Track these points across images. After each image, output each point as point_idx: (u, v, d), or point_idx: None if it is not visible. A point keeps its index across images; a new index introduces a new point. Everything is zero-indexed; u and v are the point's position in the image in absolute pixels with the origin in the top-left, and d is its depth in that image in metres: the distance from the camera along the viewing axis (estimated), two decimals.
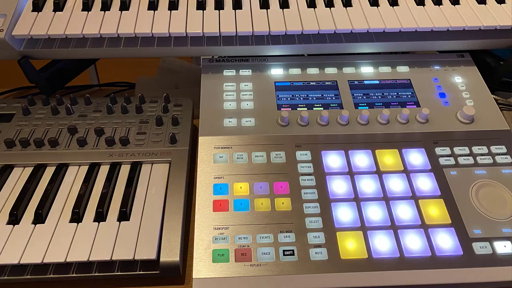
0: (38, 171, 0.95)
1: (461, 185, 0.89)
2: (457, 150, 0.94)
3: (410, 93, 1.04)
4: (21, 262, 0.79)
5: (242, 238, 0.81)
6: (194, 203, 0.88)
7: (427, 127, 0.98)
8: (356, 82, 1.06)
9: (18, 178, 0.94)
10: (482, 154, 0.93)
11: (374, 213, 0.84)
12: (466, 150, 0.94)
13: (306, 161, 0.92)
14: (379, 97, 1.04)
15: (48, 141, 0.98)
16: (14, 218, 0.86)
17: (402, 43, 1.09)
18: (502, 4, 1.08)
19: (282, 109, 1.01)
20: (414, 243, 0.81)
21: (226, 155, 0.93)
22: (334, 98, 1.03)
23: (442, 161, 0.92)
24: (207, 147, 0.95)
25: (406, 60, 1.12)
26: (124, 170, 0.96)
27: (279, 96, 1.04)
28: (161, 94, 1.11)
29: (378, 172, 0.90)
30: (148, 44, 1.06)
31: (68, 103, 1.08)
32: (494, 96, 1.05)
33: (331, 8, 1.06)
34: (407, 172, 0.90)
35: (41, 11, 1.04)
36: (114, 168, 0.96)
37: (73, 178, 0.94)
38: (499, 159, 0.92)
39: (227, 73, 1.09)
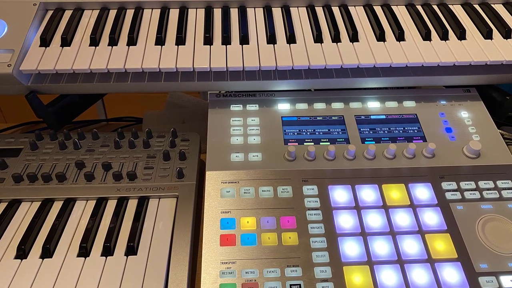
0: (45, 205, 0.98)
1: (467, 219, 0.91)
2: (464, 184, 0.97)
3: (417, 128, 1.08)
4: None
5: (249, 272, 0.84)
6: (201, 237, 0.90)
7: (434, 162, 1.01)
8: (362, 117, 1.10)
9: (25, 212, 0.97)
10: (488, 189, 0.96)
11: (381, 247, 0.87)
12: (472, 185, 0.97)
13: (313, 196, 0.95)
14: (386, 131, 1.07)
15: (55, 176, 1.02)
16: (22, 252, 0.89)
17: (409, 78, 1.12)
18: (508, 39, 1.11)
19: (289, 143, 1.05)
20: (420, 277, 0.83)
21: (233, 190, 0.96)
22: (340, 133, 1.07)
23: (449, 195, 0.95)
24: (214, 181, 0.97)
25: (413, 95, 1.15)
26: (132, 205, 0.99)
27: (286, 131, 1.07)
28: (169, 129, 1.14)
29: (385, 207, 0.93)
30: (155, 79, 1.09)
31: (76, 138, 1.11)
32: (500, 131, 1.09)
33: (338, 43, 1.09)
34: (413, 206, 0.93)
35: (48, 46, 1.07)
36: (122, 203, 0.99)
37: (81, 213, 0.97)
38: (505, 193, 0.95)
39: (234, 108, 1.12)
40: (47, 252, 0.89)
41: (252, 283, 0.83)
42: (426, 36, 1.11)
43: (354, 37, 1.10)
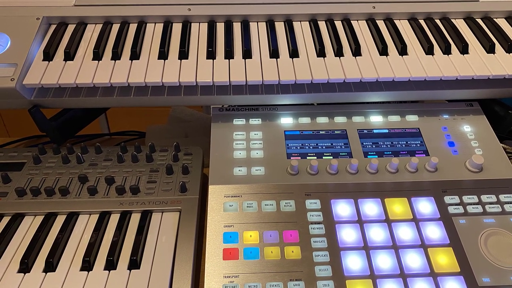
0: (49, 219, 0.99)
1: (470, 233, 0.93)
2: (466, 198, 0.98)
3: (419, 142, 1.09)
4: None
5: (252, 286, 0.85)
6: (204, 251, 0.91)
7: (436, 176, 1.02)
8: (365, 131, 1.11)
9: (29, 226, 0.99)
10: (491, 203, 0.97)
11: (384, 261, 0.88)
12: (475, 199, 0.98)
13: (316, 210, 0.96)
14: (388, 146, 1.08)
15: (58, 190, 1.03)
16: (25, 266, 0.90)
17: (411, 92, 1.13)
18: (511, 53, 1.12)
19: (291, 158, 1.06)
20: None
21: (236, 204, 0.97)
22: (343, 147, 1.08)
23: (451, 209, 0.96)
24: (217, 195, 0.99)
25: (415, 109, 1.17)
26: (135, 219, 1.00)
27: (289, 145, 1.09)
28: (171, 143, 1.15)
29: (387, 221, 0.95)
30: (158, 93, 1.10)
31: (79, 152, 1.12)
32: (503, 145, 1.10)
33: (341, 57, 1.10)
34: (416, 220, 0.95)
35: (51, 60, 1.08)
36: (125, 217, 1.00)
37: (84, 227, 0.99)
38: (507, 207, 0.97)
39: (237, 122, 1.13)
40: (50, 266, 0.90)
41: None
42: (429, 50, 1.12)
43: (356, 51, 1.11)
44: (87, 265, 0.91)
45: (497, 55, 1.12)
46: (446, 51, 1.13)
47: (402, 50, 1.12)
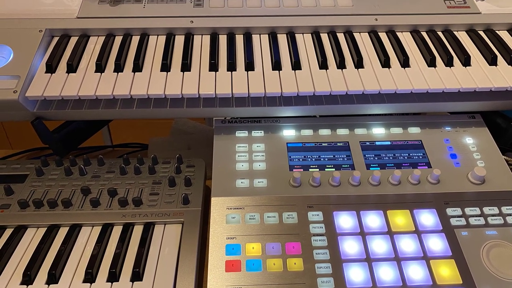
0: (51, 231, 1.00)
1: (472, 245, 0.94)
2: (468, 210, 0.99)
3: (422, 154, 1.10)
4: None
5: None
6: (207, 263, 0.92)
7: (439, 188, 1.03)
8: (367, 143, 1.12)
9: (31, 238, 1.00)
10: (493, 215, 0.98)
11: (386, 273, 0.89)
12: (477, 211, 0.99)
13: (318, 222, 0.97)
14: (391, 158, 1.09)
15: (61, 202, 1.04)
16: (28, 278, 0.91)
17: (414, 104, 1.14)
18: None
19: (294, 170, 1.07)
20: None
21: (238, 216, 0.98)
22: (345, 159, 1.09)
23: (453, 221, 0.97)
24: (220, 207, 1.00)
25: (418, 121, 1.18)
26: (137, 231, 1.01)
27: (291, 157, 1.10)
28: (174, 155, 1.16)
29: (390, 233, 0.95)
30: (161, 105, 1.11)
31: (81, 164, 1.13)
32: (505, 157, 1.11)
33: (343, 70, 1.11)
34: (418, 232, 0.96)
35: (54, 72, 1.09)
36: (127, 229, 1.01)
37: (86, 239, 1.00)
38: (510, 219, 0.98)
39: (240, 134, 1.14)
40: (53, 278, 0.91)
41: None
42: (431, 63, 1.13)
43: (359, 63, 1.13)
44: (90, 277, 0.92)
45: (499, 67, 1.13)
46: (448, 63, 1.14)
47: (405, 62, 1.13)
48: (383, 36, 1.22)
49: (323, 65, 1.13)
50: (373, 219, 0.98)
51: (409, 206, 1.00)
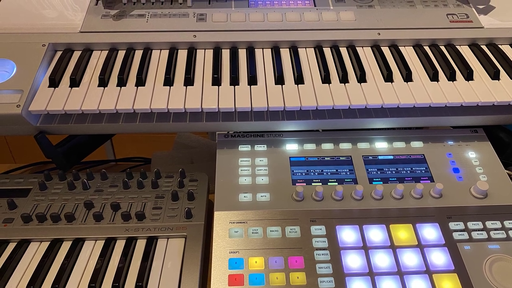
0: (54, 246, 1.02)
1: (474, 259, 0.95)
2: (471, 225, 1.00)
3: (424, 168, 1.12)
4: None
5: None
6: (210, 277, 0.93)
7: (441, 202, 1.05)
8: (370, 157, 1.14)
9: (34, 252, 1.01)
10: (495, 229, 1.00)
11: (389, 287, 0.91)
12: (479, 225, 1.00)
13: (321, 236, 0.99)
14: (393, 172, 1.11)
15: (64, 216, 1.05)
16: None
17: (416, 119, 1.15)
18: None
19: (297, 184, 1.09)
20: None
21: (241, 230, 1.00)
22: (348, 173, 1.11)
23: (456, 235, 0.99)
24: (223, 221, 1.01)
25: (420, 135, 1.19)
26: (140, 245, 1.02)
27: (294, 171, 1.11)
28: (177, 169, 1.17)
29: (392, 247, 0.97)
30: (163, 119, 1.12)
31: (85, 178, 1.15)
32: (508, 171, 1.12)
33: (346, 84, 1.13)
34: (421, 246, 0.97)
35: (57, 86, 1.11)
36: (130, 243, 1.02)
37: (90, 253, 1.01)
38: None
39: (242, 148, 1.16)
40: None
41: None
42: (434, 77, 1.15)
43: (362, 78, 1.14)
44: None
45: (502, 82, 1.14)
46: (451, 77, 1.15)
47: (407, 76, 1.14)
48: (386, 51, 1.23)
49: (326, 79, 1.14)
50: (375, 233, 0.99)
51: (412, 220, 1.01)
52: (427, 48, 1.25)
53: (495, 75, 1.16)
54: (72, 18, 1.25)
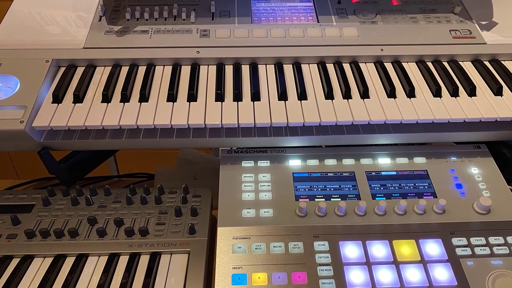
0: (58, 261, 1.03)
1: (477, 275, 0.97)
2: (474, 240, 1.02)
3: (427, 184, 1.14)
4: None
5: None
6: None
7: (444, 218, 1.07)
8: (373, 173, 1.16)
9: (38, 268, 1.03)
10: (498, 245, 1.01)
11: None
12: (482, 241, 1.02)
13: (324, 252, 1.00)
14: (396, 188, 1.13)
15: (68, 232, 1.07)
16: None
17: (419, 135, 1.17)
18: None
19: (300, 200, 1.11)
20: None
21: (244, 246, 1.02)
22: (351, 189, 1.13)
23: (459, 251, 1.00)
24: (226, 237, 1.03)
25: (423, 151, 1.21)
26: (144, 261, 1.04)
27: (297, 187, 1.13)
28: (180, 185, 1.19)
29: (395, 263, 0.99)
30: (167, 135, 1.14)
31: (88, 194, 1.17)
32: (510, 187, 1.14)
33: (349, 100, 1.15)
34: (424, 262, 0.99)
35: (61, 102, 1.12)
36: (134, 259, 1.04)
37: (93, 269, 1.03)
38: None
39: (246, 164, 1.18)
40: None
41: None
42: (437, 93, 1.17)
43: (365, 94, 1.16)
44: None
45: (504, 98, 1.16)
46: (454, 93, 1.17)
47: (410, 92, 1.16)
48: (389, 66, 1.25)
49: (329, 95, 1.16)
50: (378, 249, 1.01)
51: (415, 236, 1.03)
52: (430, 64, 1.27)
53: (498, 91, 1.17)
54: (76, 34, 1.27)
